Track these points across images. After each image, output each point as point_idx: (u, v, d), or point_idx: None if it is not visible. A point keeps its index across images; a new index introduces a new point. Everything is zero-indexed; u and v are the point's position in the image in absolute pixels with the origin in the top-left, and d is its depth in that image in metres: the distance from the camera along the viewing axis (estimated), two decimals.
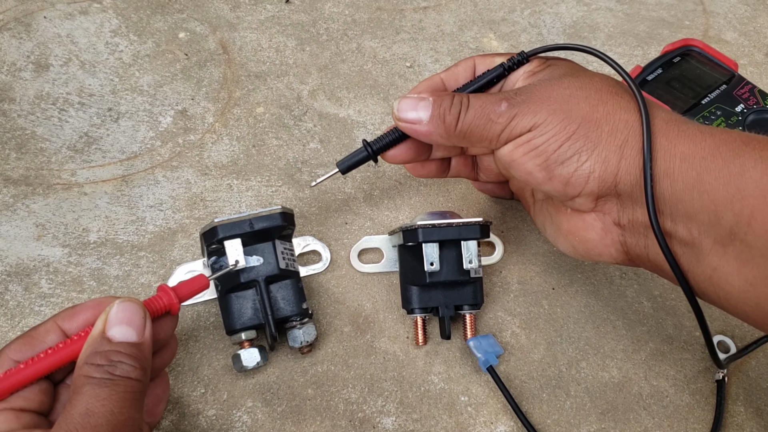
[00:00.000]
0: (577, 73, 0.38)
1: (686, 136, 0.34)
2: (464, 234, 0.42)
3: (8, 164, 0.50)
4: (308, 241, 0.48)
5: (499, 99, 0.37)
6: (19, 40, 0.58)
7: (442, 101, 0.38)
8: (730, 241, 0.31)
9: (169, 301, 0.35)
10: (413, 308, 0.44)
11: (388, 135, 0.42)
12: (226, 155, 0.53)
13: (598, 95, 0.36)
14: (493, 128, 0.37)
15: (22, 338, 0.33)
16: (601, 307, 0.48)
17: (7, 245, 0.46)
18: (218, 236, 0.40)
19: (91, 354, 0.31)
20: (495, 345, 0.43)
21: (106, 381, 0.30)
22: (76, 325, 0.34)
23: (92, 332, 0.32)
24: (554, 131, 0.35)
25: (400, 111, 0.39)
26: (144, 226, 0.48)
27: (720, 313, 0.48)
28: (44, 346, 0.33)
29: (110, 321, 0.32)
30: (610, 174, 0.35)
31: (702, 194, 0.32)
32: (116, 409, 0.30)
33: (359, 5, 0.64)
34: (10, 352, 0.32)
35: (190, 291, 0.37)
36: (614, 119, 0.35)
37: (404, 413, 0.42)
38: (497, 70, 0.41)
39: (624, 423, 0.43)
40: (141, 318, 0.33)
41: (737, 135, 0.33)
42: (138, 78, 0.56)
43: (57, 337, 0.33)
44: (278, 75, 0.58)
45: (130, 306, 0.33)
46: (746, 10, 0.68)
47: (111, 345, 0.31)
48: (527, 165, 0.37)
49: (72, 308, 0.34)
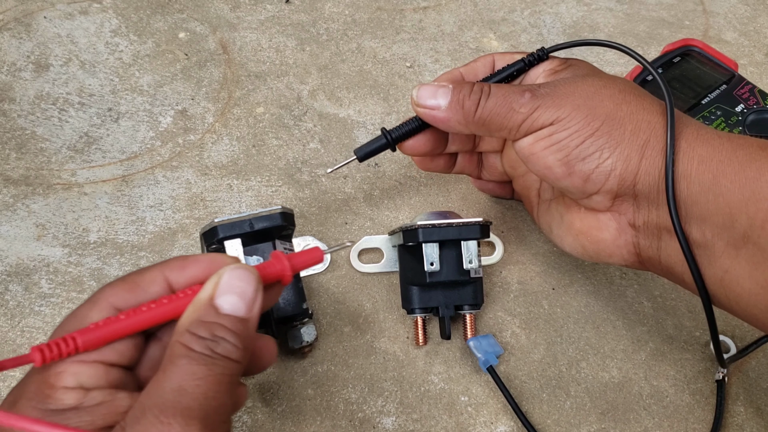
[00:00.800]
0: (600, 74, 0.38)
1: (705, 140, 0.34)
2: (464, 234, 0.42)
3: (8, 164, 0.50)
4: (308, 241, 0.48)
5: (522, 89, 0.37)
6: (19, 40, 0.58)
7: (462, 88, 0.38)
8: (743, 243, 0.32)
9: (282, 270, 0.31)
10: (413, 308, 0.44)
11: (407, 124, 0.42)
12: (226, 155, 0.53)
13: (621, 95, 0.36)
14: (514, 117, 0.36)
15: (125, 283, 0.29)
16: (601, 307, 0.48)
17: (7, 245, 0.46)
18: (218, 236, 0.40)
19: (194, 321, 0.28)
20: (495, 345, 0.43)
21: (205, 357, 0.27)
22: (183, 279, 0.30)
23: (200, 294, 0.29)
24: (577, 126, 0.35)
25: (420, 98, 0.39)
26: (144, 226, 0.48)
27: (720, 313, 0.48)
28: (147, 297, 0.29)
29: (221, 287, 0.29)
30: (631, 173, 0.35)
31: (717, 197, 0.32)
32: (210, 393, 0.27)
33: (359, 5, 0.64)
34: (111, 296, 0.29)
35: (304, 263, 0.32)
36: (637, 119, 0.35)
37: (404, 413, 0.42)
38: (518, 64, 0.41)
39: (624, 423, 0.43)
40: (253, 291, 0.29)
41: (754, 141, 0.33)
42: (138, 78, 0.56)
43: (161, 289, 0.30)
44: (278, 75, 0.58)
45: (245, 274, 0.29)
46: (746, 10, 0.68)
47: (217, 316, 0.28)
48: (547, 159, 0.36)
49: (182, 259, 0.31)
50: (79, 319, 0.28)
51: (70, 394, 0.26)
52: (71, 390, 0.26)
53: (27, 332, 0.43)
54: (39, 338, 0.43)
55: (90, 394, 0.27)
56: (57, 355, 0.26)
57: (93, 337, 0.27)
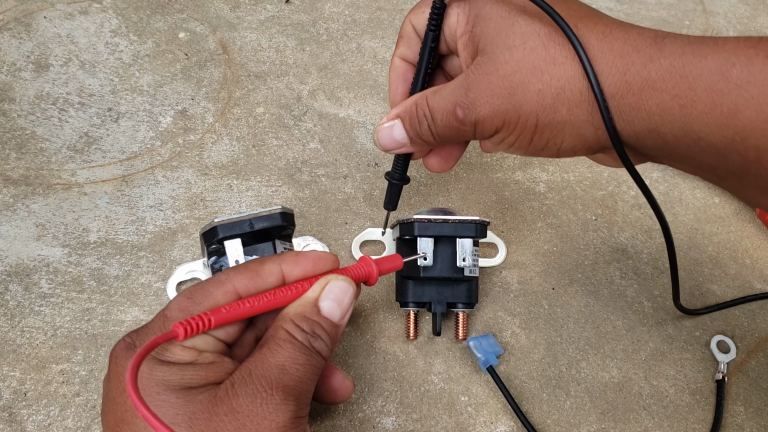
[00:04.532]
0: (505, 36, 0.35)
1: (615, 51, 0.32)
2: (460, 231, 0.42)
3: (8, 164, 0.50)
4: (308, 241, 0.48)
5: (453, 105, 0.36)
6: (19, 40, 0.58)
7: (407, 118, 0.38)
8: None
9: (369, 273, 0.37)
10: (406, 302, 0.44)
11: (402, 156, 0.42)
12: (226, 155, 0.53)
13: (533, 73, 0.34)
14: (465, 132, 0.37)
15: (249, 271, 0.34)
16: (601, 307, 0.48)
17: (7, 245, 0.46)
18: (218, 236, 0.40)
19: (300, 315, 0.33)
20: (495, 345, 0.43)
21: (304, 348, 0.32)
22: (296, 273, 0.35)
23: (308, 293, 0.34)
24: (518, 131, 0.35)
25: (383, 144, 0.40)
26: (144, 226, 0.48)
27: (720, 313, 0.48)
28: (265, 286, 0.34)
29: (326, 292, 0.34)
30: (593, 140, 0.34)
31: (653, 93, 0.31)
32: (305, 379, 0.32)
33: (359, 5, 0.64)
34: (236, 281, 0.33)
35: (388, 268, 0.38)
36: (562, 87, 0.33)
37: (404, 413, 0.42)
38: (426, 52, 0.39)
39: (624, 423, 0.43)
40: (349, 301, 0.35)
41: (648, 35, 0.32)
42: (138, 78, 0.56)
43: (276, 280, 0.34)
44: (278, 75, 0.58)
45: (346, 287, 0.35)
46: (746, 10, 0.68)
47: (318, 316, 0.33)
48: (515, 153, 0.38)
49: (296, 254, 0.36)
50: (204, 293, 0.33)
51: (187, 351, 0.31)
52: (187, 349, 0.31)
53: (27, 332, 0.43)
54: (39, 338, 0.43)
55: (202, 354, 0.31)
56: (195, 331, 0.30)
57: (223, 317, 0.31)
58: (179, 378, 0.30)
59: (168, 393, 0.30)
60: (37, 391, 0.41)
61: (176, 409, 0.29)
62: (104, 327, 0.43)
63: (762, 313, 0.48)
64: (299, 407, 0.31)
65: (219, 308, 0.32)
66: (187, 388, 0.30)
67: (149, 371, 0.30)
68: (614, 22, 0.34)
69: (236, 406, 0.30)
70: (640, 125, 0.32)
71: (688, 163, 0.33)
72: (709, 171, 0.33)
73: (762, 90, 0.28)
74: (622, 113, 0.32)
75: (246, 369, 0.31)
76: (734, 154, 0.30)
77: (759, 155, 0.29)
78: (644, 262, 0.50)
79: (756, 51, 0.28)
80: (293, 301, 0.34)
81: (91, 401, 0.40)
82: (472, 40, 0.36)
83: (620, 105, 0.32)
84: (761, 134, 0.29)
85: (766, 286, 0.50)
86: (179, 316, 0.32)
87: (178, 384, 0.30)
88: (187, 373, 0.30)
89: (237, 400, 0.30)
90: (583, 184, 0.54)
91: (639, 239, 0.51)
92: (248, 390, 0.30)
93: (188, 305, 0.32)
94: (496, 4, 0.35)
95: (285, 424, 0.30)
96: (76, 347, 0.42)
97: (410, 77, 0.40)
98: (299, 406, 0.31)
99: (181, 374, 0.30)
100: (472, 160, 0.55)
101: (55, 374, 0.41)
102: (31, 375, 0.41)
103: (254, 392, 0.30)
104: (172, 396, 0.29)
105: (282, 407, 0.30)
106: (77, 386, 0.41)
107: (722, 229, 0.53)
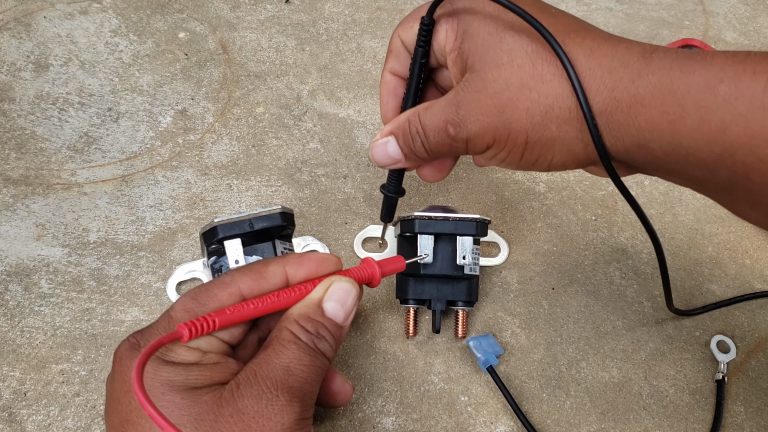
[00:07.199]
0: (493, 53, 0.35)
1: (604, 68, 0.32)
2: (460, 229, 0.43)
3: (8, 164, 0.50)
4: (308, 241, 0.48)
5: (445, 122, 0.36)
6: (19, 40, 0.58)
7: (401, 134, 0.38)
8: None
9: (372, 275, 0.37)
10: (406, 298, 0.44)
11: (397, 170, 0.42)
12: (226, 155, 0.53)
13: (522, 91, 0.34)
14: (457, 148, 0.37)
15: (253, 272, 0.34)
16: (600, 307, 0.48)
17: (7, 245, 0.46)
18: (218, 236, 0.40)
19: (304, 316, 0.33)
20: (495, 345, 0.43)
21: (309, 349, 0.32)
22: (300, 274, 0.35)
23: (312, 294, 0.34)
24: (508, 148, 0.35)
25: (378, 161, 0.40)
26: (144, 226, 0.48)
27: (720, 313, 0.48)
28: (269, 287, 0.34)
29: (329, 293, 0.34)
30: (582, 156, 0.35)
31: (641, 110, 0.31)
32: (310, 380, 0.32)
33: (359, 5, 0.64)
34: (240, 282, 0.34)
35: (390, 270, 0.38)
36: (551, 105, 0.33)
37: (404, 413, 0.42)
38: (417, 68, 0.39)
39: (624, 423, 0.43)
40: (352, 303, 0.35)
41: (636, 49, 0.32)
42: (138, 78, 0.56)
43: (280, 282, 0.35)
44: (278, 75, 0.58)
45: (350, 288, 0.35)
46: (746, 10, 0.68)
47: (322, 317, 0.34)
48: (506, 167, 0.38)
49: (300, 256, 0.36)
50: (209, 295, 0.33)
51: (191, 352, 0.31)
52: (192, 350, 0.31)
53: (27, 332, 0.43)
54: (39, 338, 0.43)
55: (207, 355, 0.32)
56: (200, 332, 0.30)
57: (227, 319, 0.32)
58: (184, 378, 0.30)
59: (173, 393, 0.30)
60: (36, 391, 0.41)
61: (181, 410, 0.29)
62: (104, 327, 0.43)
63: (762, 313, 0.48)
64: (304, 408, 0.31)
65: (224, 309, 0.32)
66: (191, 389, 0.30)
67: (154, 371, 0.30)
68: (602, 36, 0.34)
69: (241, 407, 0.30)
70: (629, 141, 0.32)
71: (678, 177, 0.33)
72: (699, 185, 0.33)
73: (749, 106, 0.28)
74: (611, 130, 0.32)
75: (251, 370, 0.31)
76: (723, 170, 0.30)
77: (747, 171, 0.29)
78: (644, 262, 0.50)
79: (744, 67, 0.28)
80: (297, 302, 0.34)
81: (91, 401, 0.40)
82: (460, 56, 0.36)
83: (609, 122, 0.32)
84: (749, 150, 0.28)
85: (766, 286, 0.50)
86: (184, 317, 0.32)
87: (182, 384, 0.30)
88: (191, 373, 0.31)
89: (242, 401, 0.30)
90: (583, 184, 0.54)
91: (639, 239, 0.51)
92: (253, 391, 0.30)
93: (193, 306, 0.32)
94: (484, 20, 0.35)
95: (290, 426, 0.30)
96: (75, 347, 0.42)
97: (401, 92, 0.41)
98: (304, 407, 0.31)
99: (186, 374, 0.30)
100: (471, 160, 0.55)
101: (55, 374, 0.41)
102: (31, 375, 0.41)
103: (259, 393, 0.30)
104: (177, 396, 0.30)
105: (287, 408, 0.30)
106: (77, 386, 0.41)
107: (722, 229, 0.53)
